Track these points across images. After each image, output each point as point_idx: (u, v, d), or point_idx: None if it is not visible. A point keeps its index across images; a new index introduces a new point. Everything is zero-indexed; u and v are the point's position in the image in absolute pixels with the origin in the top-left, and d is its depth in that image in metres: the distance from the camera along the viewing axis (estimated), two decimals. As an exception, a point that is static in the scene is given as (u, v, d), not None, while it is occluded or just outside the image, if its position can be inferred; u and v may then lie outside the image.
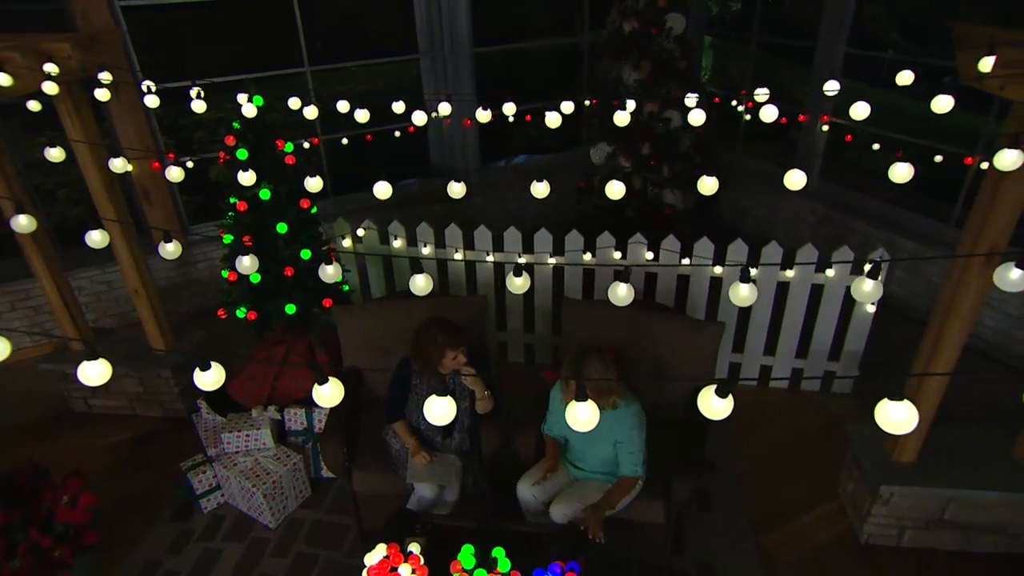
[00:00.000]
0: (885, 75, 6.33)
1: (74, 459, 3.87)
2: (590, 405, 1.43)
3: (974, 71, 2.43)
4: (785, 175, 1.96)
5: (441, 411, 1.43)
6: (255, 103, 3.29)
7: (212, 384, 1.57)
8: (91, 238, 2.03)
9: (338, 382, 1.52)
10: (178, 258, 5.06)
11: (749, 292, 1.57)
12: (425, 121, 3.19)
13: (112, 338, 4.29)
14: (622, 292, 1.79)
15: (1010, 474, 3.15)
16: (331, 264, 2.50)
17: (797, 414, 4.15)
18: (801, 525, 3.42)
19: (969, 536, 3.24)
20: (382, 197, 2.46)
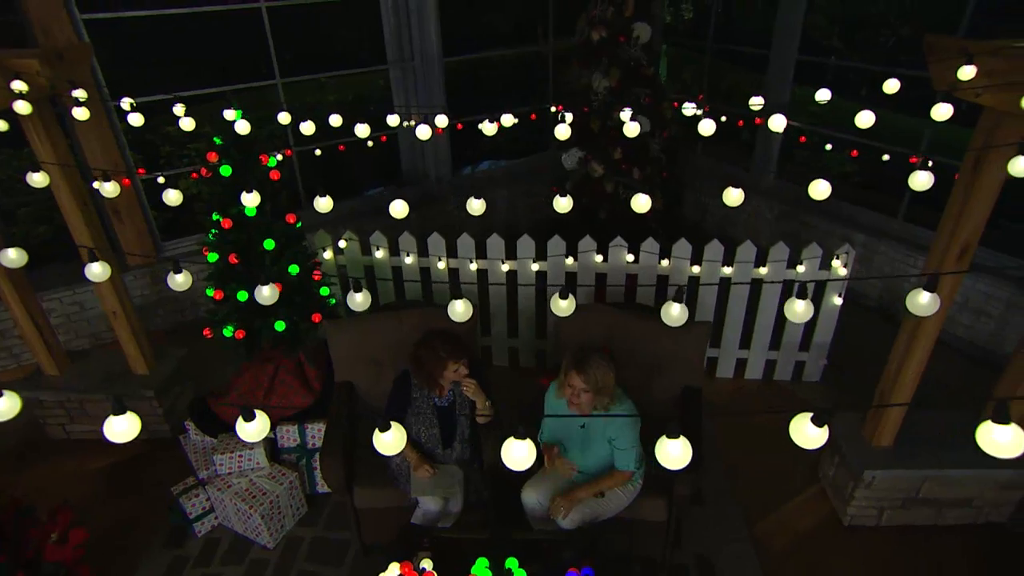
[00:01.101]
0: (831, 80, 6.48)
1: (55, 489, 3.60)
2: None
3: (951, 80, 2.45)
4: (809, 186, 1.90)
5: (520, 454, 1.31)
6: (237, 117, 3.10)
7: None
8: (92, 271, 1.83)
9: (400, 428, 1.39)
10: (151, 277, 4.83)
11: (805, 308, 1.51)
12: (427, 133, 3.04)
13: (88, 361, 3.98)
14: (676, 312, 1.70)
15: (976, 452, 3.20)
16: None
17: (772, 404, 4.18)
18: (788, 511, 3.43)
19: (941, 511, 3.31)
20: (399, 216, 2.32)
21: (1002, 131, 2.45)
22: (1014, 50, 2.25)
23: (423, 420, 3.01)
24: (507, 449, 1.33)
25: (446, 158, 5.95)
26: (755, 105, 3.10)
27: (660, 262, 4.07)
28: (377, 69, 5.57)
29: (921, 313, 1.39)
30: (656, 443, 1.31)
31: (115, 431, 1.30)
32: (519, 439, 1.32)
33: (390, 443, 1.38)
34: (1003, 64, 2.14)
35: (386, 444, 1.38)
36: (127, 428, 1.31)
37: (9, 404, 1.35)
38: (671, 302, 1.70)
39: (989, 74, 2.17)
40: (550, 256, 4.17)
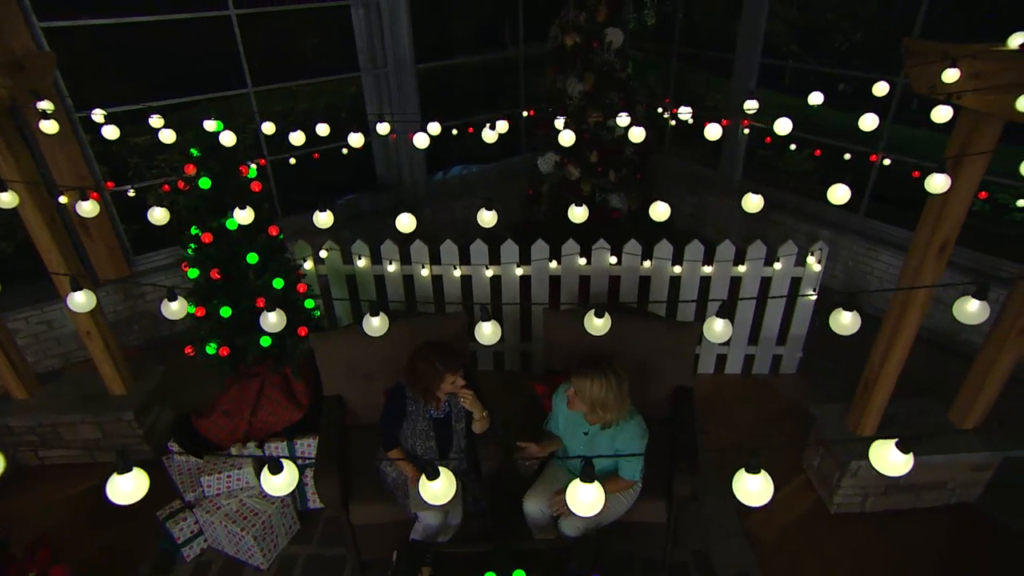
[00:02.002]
0: (789, 83, 6.55)
1: (31, 519, 3.32)
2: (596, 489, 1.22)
3: (932, 82, 2.43)
4: (828, 191, 1.83)
5: (589, 498, 1.18)
6: (218, 128, 2.89)
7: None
8: (75, 301, 1.63)
9: (450, 475, 1.25)
10: (124, 292, 4.53)
11: (852, 320, 1.43)
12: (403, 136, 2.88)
13: (60, 383, 3.69)
14: (719, 328, 1.60)
15: (950, 438, 3.25)
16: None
17: (752, 397, 4.17)
18: (777, 503, 3.40)
19: (919, 495, 3.34)
20: (406, 230, 2.18)
21: (980, 131, 2.44)
22: (995, 53, 2.24)
23: (419, 433, 2.86)
24: (574, 494, 1.20)
25: (421, 164, 5.77)
26: (750, 110, 3.04)
27: (642, 263, 4.01)
28: (350, 76, 5.35)
29: (971, 321, 1.32)
30: (733, 477, 1.22)
31: (121, 492, 1.13)
32: (586, 482, 1.19)
33: (438, 492, 1.23)
34: (991, 66, 2.12)
35: (434, 494, 1.23)
36: (134, 487, 1.13)
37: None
38: (715, 317, 1.60)
39: (976, 76, 2.14)
40: (534, 260, 4.05)
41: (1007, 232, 5.62)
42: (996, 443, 3.20)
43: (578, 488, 1.17)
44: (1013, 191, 5.13)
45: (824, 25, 6.15)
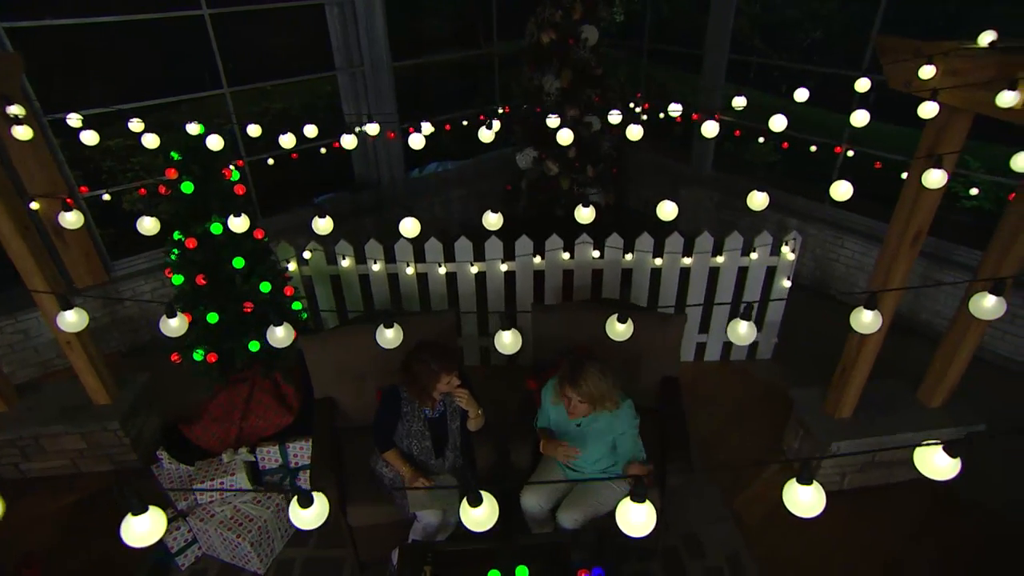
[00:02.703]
0: (753, 77, 6.60)
1: (16, 534, 3.14)
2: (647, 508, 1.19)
3: (907, 78, 2.44)
4: (831, 187, 1.81)
5: (642, 519, 1.14)
6: (200, 131, 2.75)
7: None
8: (64, 320, 1.51)
9: (493, 501, 1.19)
10: (102, 299, 4.32)
11: (873, 319, 1.41)
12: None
13: (40, 394, 3.49)
14: (743, 331, 1.57)
15: (918, 415, 3.32)
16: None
17: (731, 382, 4.20)
18: (760, 486, 3.44)
19: (891, 470, 3.41)
20: (411, 234, 2.09)
21: (952, 125, 2.47)
22: (967, 51, 2.26)
23: (415, 434, 2.79)
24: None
25: (399, 162, 5.65)
26: (738, 106, 3.02)
27: (624, 256, 3.99)
28: (326, 75, 5.18)
29: (987, 317, 1.31)
30: (785, 487, 1.17)
31: (136, 534, 1.02)
32: (639, 503, 1.13)
33: (481, 519, 1.19)
34: (966, 63, 2.13)
35: (478, 520, 1.20)
36: (150, 528, 1.03)
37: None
38: (739, 320, 1.56)
39: (954, 73, 2.15)
40: (518, 256, 4.00)
41: (960, 219, 5.78)
42: (961, 419, 3.28)
43: (629, 508, 1.13)
44: (964, 180, 5.27)
45: (786, 22, 6.20)
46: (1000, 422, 3.30)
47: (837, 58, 5.92)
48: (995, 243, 2.80)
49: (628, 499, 1.14)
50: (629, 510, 1.12)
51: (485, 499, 1.15)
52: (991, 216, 5.37)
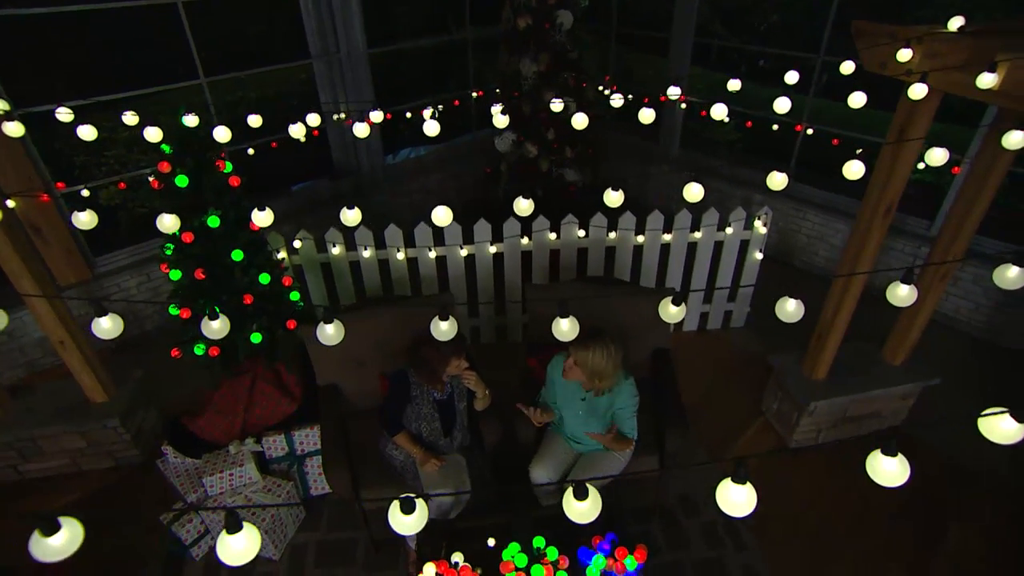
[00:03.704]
0: (716, 59, 6.63)
1: (24, 536, 2.98)
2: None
3: (883, 60, 2.49)
4: (844, 167, 1.83)
5: (741, 500, 1.12)
6: (183, 122, 2.59)
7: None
8: (100, 327, 1.41)
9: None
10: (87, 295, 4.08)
11: (909, 292, 1.44)
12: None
13: (34, 395, 3.30)
14: (791, 307, 1.57)
15: (884, 374, 3.45)
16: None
17: (709, 350, 4.30)
18: (743, 445, 3.55)
19: (860, 424, 3.56)
20: (443, 223, 2.03)
21: (922, 105, 2.53)
22: (939, 35, 2.31)
23: (424, 416, 2.76)
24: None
25: (378, 149, 5.48)
26: (733, 88, 3.02)
27: (608, 235, 4.00)
28: (302, 63, 4.96)
29: (1011, 287, 1.34)
30: (867, 459, 1.18)
31: (233, 552, 1.01)
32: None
33: (585, 510, 1.17)
34: (944, 47, 2.18)
35: (581, 511, 1.17)
36: (247, 546, 1.02)
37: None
38: (787, 299, 1.57)
39: (933, 56, 2.20)
40: (506, 238, 3.96)
41: (908, 192, 5.99)
42: (921, 375, 3.44)
43: (731, 488, 1.14)
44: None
45: (745, 6, 6.23)
46: (949, 375, 3.48)
47: (797, 40, 6.01)
48: (951, 220, 2.94)
49: (730, 480, 1.16)
50: (730, 490, 1.13)
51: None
52: (933, 188, 5.59)
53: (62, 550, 1.00)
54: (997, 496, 3.19)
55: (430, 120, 3.00)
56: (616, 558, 2.29)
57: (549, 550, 2.35)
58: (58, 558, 1.03)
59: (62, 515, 1.02)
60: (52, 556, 1.00)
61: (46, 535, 0.98)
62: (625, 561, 2.28)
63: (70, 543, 1.01)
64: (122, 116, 2.27)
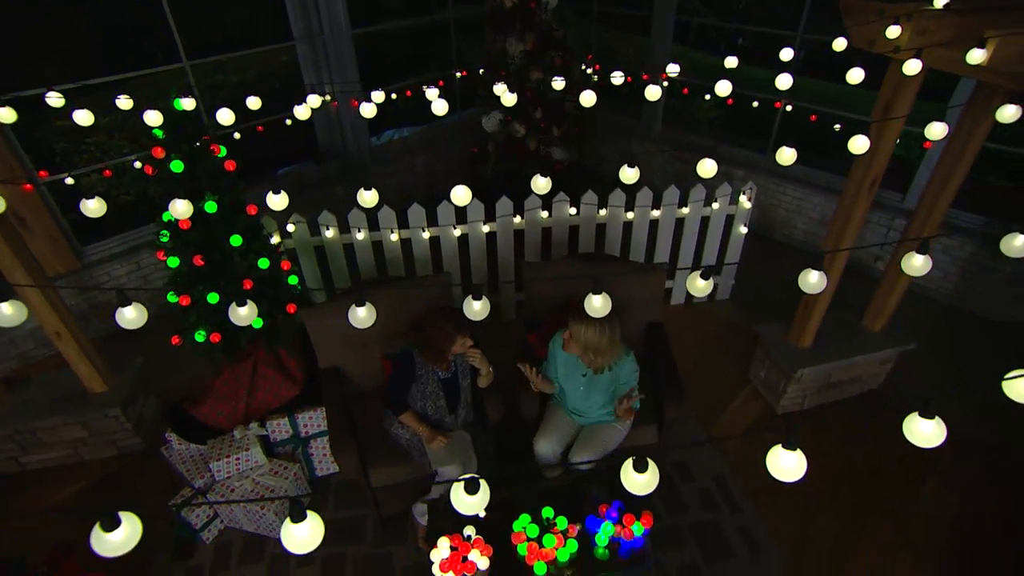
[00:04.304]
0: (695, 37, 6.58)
1: (32, 528, 2.92)
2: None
3: (871, 37, 2.50)
4: (849, 141, 1.84)
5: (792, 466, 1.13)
6: (176, 106, 2.49)
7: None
8: (124, 317, 1.35)
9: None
10: (78, 285, 3.95)
11: (923, 263, 1.45)
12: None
13: (29, 387, 3.20)
14: (813, 279, 1.58)
15: (864, 340, 3.55)
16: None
17: (697, 323, 4.36)
18: (732, 413, 3.63)
19: (842, 389, 3.66)
20: (463, 202, 1.99)
21: (907, 80, 2.56)
22: (926, 12, 2.32)
23: (429, 394, 2.76)
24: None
25: (364, 130, 5.35)
26: (731, 65, 3.00)
27: (599, 211, 4.00)
28: (285, 45, 4.78)
29: (1016, 255, 1.37)
30: (904, 422, 1.20)
31: (297, 541, 1.02)
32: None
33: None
34: (933, 23, 2.20)
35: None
36: (311, 534, 1.06)
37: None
38: (809, 270, 1.58)
39: (923, 32, 2.21)
40: (499, 217, 3.93)
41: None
42: (899, 341, 3.55)
43: (781, 454, 1.16)
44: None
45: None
46: (922, 340, 3.59)
47: (775, 19, 6.00)
48: (928, 193, 3.00)
49: (780, 448, 1.17)
50: (780, 456, 1.14)
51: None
52: (903, 161, 5.69)
53: (122, 545, 0.97)
54: (968, 453, 3.32)
55: (438, 100, 2.91)
56: (624, 524, 2.34)
57: (558, 520, 2.39)
58: (118, 553, 1.00)
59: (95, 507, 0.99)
60: (112, 551, 0.97)
61: (106, 530, 0.95)
62: (633, 527, 2.33)
63: (130, 538, 0.97)
64: (116, 100, 2.17)
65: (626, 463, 1.22)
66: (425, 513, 2.78)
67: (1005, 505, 3.07)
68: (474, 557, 2.25)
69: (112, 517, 0.97)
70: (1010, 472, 3.23)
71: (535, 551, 2.29)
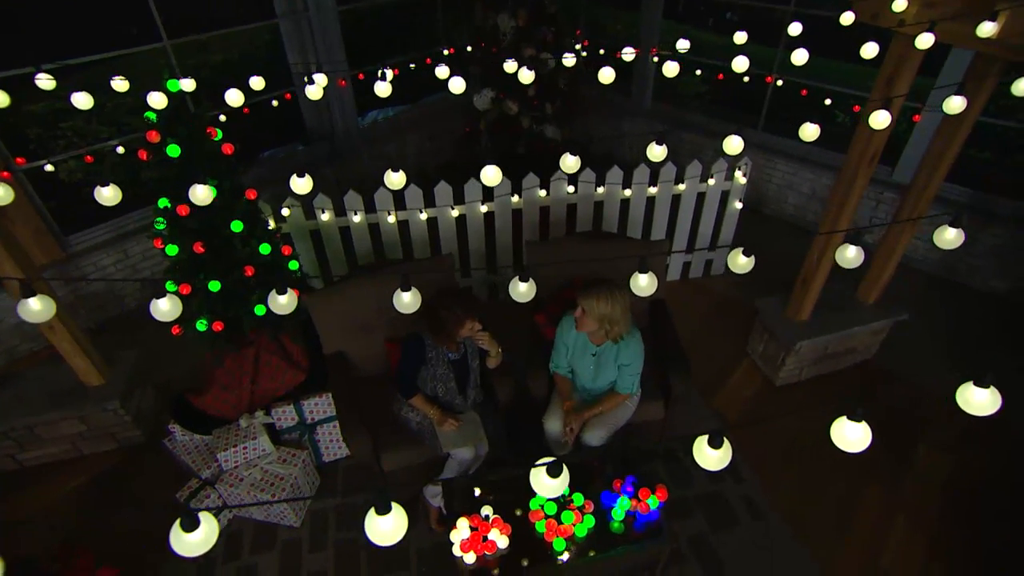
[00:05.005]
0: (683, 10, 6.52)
1: (36, 525, 2.87)
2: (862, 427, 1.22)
3: (877, 11, 2.49)
4: (870, 117, 1.83)
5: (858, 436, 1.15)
6: (171, 87, 2.39)
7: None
8: (158, 309, 1.30)
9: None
10: (66, 275, 3.82)
11: (956, 235, 1.46)
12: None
13: (22, 382, 3.10)
14: (851, 254, 1.59)
15: (858, 312, 3.62)
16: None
17: (694, 298, 4.40)
18: (731, 386, 3.69)
19: (838, 359, 3.74)
20: (492, 183, 1.95)
21: (910, 55, 2.56)
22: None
23: (440, 376, 2.75)
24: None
25: (352, 111, 5.23)
26: (740, 40, 2.97)
27: (596, 189, 3.98)
28: (268, 23, 4.61)
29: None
30: (958, 392, 1.21)
31: (381, 532, 1.03)
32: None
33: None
34: (941, -3, 2.20)
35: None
36: (395, 526, 1.09)
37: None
38: (847, 245, 1.58)
39: (931, 6, 2.21)
40: (497, 196, 3.89)
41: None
42: (892, 311, 3.63)
43: (847, 425, 1.17)
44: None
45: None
46: (911, 310, 3.67)
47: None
48: (923, 167, 3.05)
49: (845, 419, 1.17)
50: (846, 427, 1.16)
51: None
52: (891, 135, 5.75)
53: (202, 545, 0.95)
54: (958, 418, 3.43)
55: (455, 79, 2.80)
56: (640, 498, 2.38)
57: (575, 496, 2.42)
58: (197, 553, 0.99)
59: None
60: (192, 551, 0.95)
61: (186, 531, 0.93)
62: (648, 500, 2.37)
63: (208, 538, 0.95)
64: (111, 81, 2.06)
65: (700, 439, 1.23)
66: (438, 495, 2.79)
67: (994, 463, 3.19)
68: (494, 536, 2.27)
69: (192, 518, 0.95)
70: (998, 430, 3.35)
71: (554, 528, 2.31)
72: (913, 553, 2.82)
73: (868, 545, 2.85)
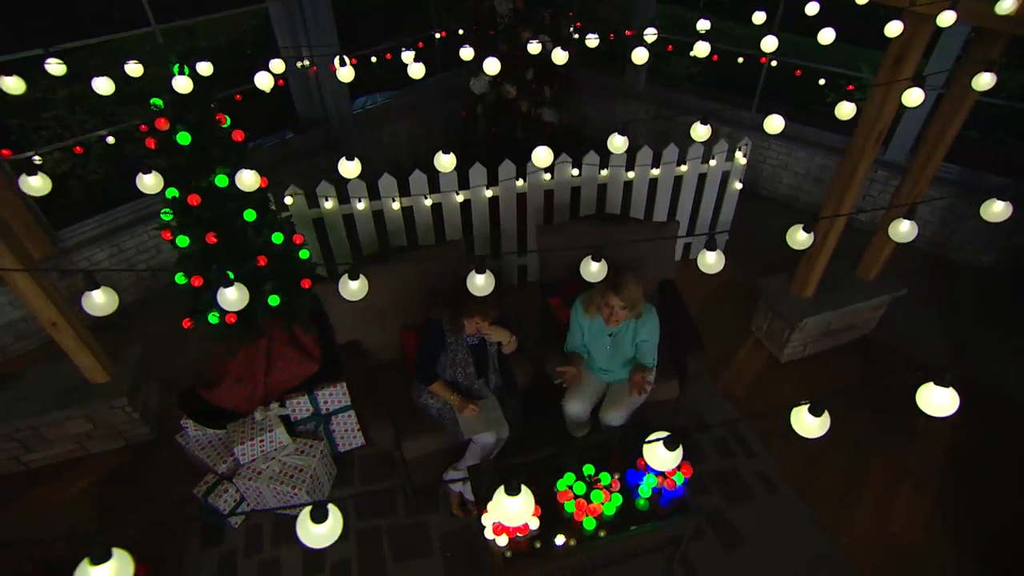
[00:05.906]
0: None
1: (47, 527, 2.80)
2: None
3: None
4: (905, 94, 1.85)
5: (945, 402, 1.15)
6: (179, 72, 2.31)
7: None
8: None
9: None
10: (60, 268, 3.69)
11: (1004, 208, 1.49)
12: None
13: (22, 381, 3.00)
14: (904, 228, 1.60)
15: (860, 288, 3.70)
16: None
17: (696, 277, 4.42)
18: (738, 364, 3.75)
19: (838, 336, 3.83)
20: (543, 164, 1.92)
21: (917, 34, 2.60)
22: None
23: (459, 362, 2.74)
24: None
25: (346, 97, 5.12)
26: (758, 21, 2.97)
27: (600, 172, 3.98)
28: (257, 7, 4.47)
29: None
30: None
31: (512, 513, 1.08)
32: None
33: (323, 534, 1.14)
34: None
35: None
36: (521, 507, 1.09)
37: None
38: (901, 219, 1.60)
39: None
40: (501, 181, 3.86)
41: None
42: (891, 287, 3.71)
43: (933, 390, 1.19)
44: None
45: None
46: (904, 285, 3.77)
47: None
48: (923, 146, 3.11)
49: (932, 385, 1.19)
50: (933, 392, 1.17)
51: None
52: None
53: (328, 536, 0.96)
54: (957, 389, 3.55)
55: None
56: (666, 475, 2.41)
57: (601, 475, 2.44)
58: (323, 545, 0.99)
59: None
60: (320, 543, 0.97)
61: (316, 522, 0.93)
62: (674, 477, 2.41)
63: (334, 529, 0.96)
64: (124, 66, 1.98)
65: (799, 408, 1.25)
66: (459, 481, 2.80)
67: (990, 425, 3.31)
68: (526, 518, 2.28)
69: (322, 510, 0.96)
70: (992, 396, 3.47)
71: (583, 507, 2.34)
72: (918, 516, 2.92)
73: (876, 512, 2.95)
